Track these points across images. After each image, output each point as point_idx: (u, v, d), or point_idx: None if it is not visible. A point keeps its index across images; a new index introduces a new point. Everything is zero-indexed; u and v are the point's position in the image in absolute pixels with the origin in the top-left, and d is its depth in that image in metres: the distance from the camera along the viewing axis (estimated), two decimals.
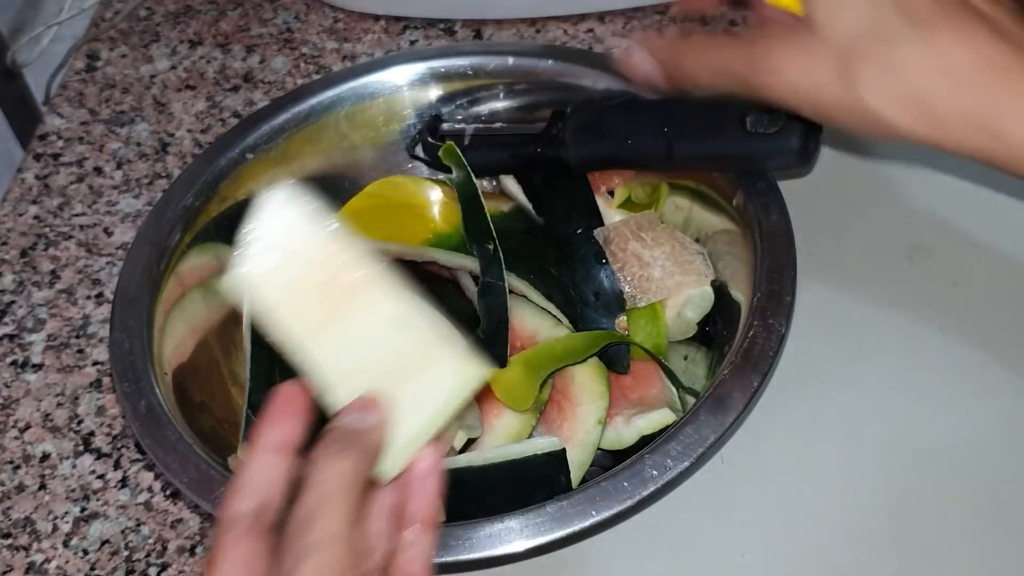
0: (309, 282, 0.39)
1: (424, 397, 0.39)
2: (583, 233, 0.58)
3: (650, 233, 0.57)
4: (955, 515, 0.52)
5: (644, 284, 0.56)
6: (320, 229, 0.40)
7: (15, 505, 0.59)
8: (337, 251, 0.40)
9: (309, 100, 0.64)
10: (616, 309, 0.56)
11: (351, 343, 0.39)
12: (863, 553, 0.51)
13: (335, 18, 0.83)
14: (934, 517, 0.52)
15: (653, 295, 0.56)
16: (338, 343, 0.39)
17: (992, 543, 0.51)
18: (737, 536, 0.52)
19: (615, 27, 0.78)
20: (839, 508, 0.52)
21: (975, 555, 0.50)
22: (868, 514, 0.52)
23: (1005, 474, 0.53)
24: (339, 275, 0.39)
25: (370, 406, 0.38)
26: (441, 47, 0.78)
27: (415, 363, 0.39)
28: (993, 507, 0.52)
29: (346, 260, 0.40)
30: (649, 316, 0.57)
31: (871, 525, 0.52)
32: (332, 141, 0.65)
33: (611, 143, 0.57)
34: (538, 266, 0.57)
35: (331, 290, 0.39)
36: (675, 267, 0.56)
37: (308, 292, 0.39)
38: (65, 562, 0.57)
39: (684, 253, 0.58)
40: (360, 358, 0.39)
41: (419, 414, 0.38)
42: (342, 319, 0.39)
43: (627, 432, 0.54)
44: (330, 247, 0.40)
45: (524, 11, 0.79)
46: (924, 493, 0.52)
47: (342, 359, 0.39)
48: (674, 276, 0.56)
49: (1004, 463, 0.53)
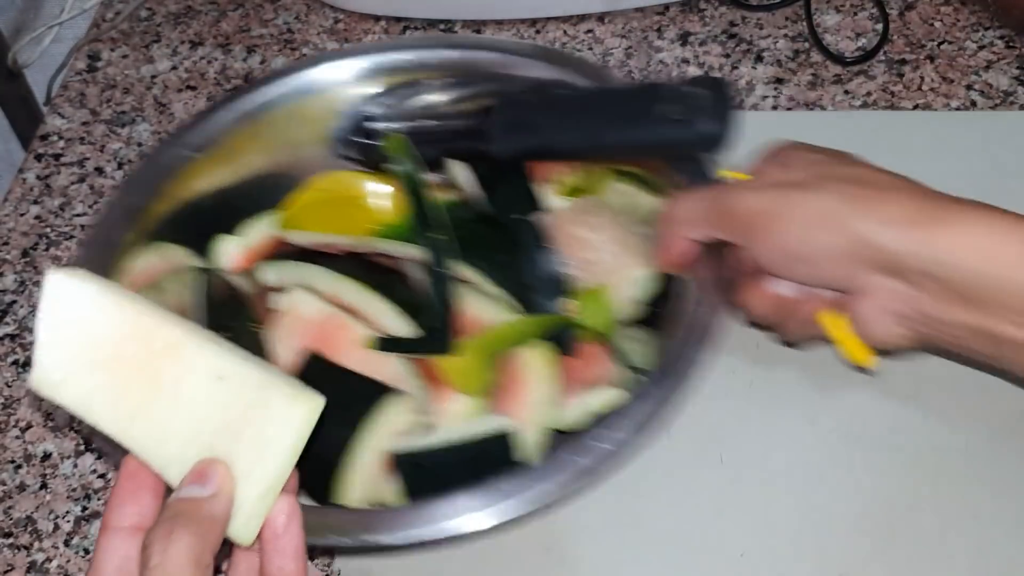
0: (117, 361, 0.38)
1: (263, 447, 0.37)
2: (525, 220, 0.59)
3: (594, 218, 0.58)
4: (954, 515, 0.52)
5: (589, 267, 0.57)
6: (113, 303, 0.38)
7: (16, 504, 0.59)
8: (137, 322, 0.38)
9: (253, 97, 0.65)
10: (562, 293, 0.57)
11: (175, 413, 0.38)
12: (863, 553, 0.51)
13: (335, 19, 0.83)
14: (933, 517, 0.52)
15: (598, 278, 0.57)
16: (162, 416, 0.38)
17: (991, 543, 0.51)
18: (737, 535, 0.52)
19: (615, 27, 0.78)
20: (839, 508, 0.52)
21: (974, 555, 0.50)
22: (868, 514, 0.52)
23: (1005, 474, 0.53)
24: (146, 345, 0.38)
25: (205, 473, 0.37)
26: (380, 42, 0.79)
27: (245, 415, 0.37)
28: (992, 507, 0.52)
29: (149, 329, 0.38)
30: (596, 299, 0.57)
31: (871, 525, 0.52)
32: (276, 138, 0.65)
33: (535, 136, 0.58)
34: (487, 254, 0.57)
35: (141, 363, 0.38)
36: (620, 250, 0.57)
37: (118, 372, 0.38)
38: (66, 561, 0.57)
39: (628, 236, 0.58)
40: (188, 425, 0.38)
41: (263, 465, 0.37)
42: (160, 390, 0.38)
43: (578, 411, 0.55)
44: (129, 320, 0.38)
45: (524, 11, 0.79)
46: (923, 493, 0.52)
47: (170, 431, 0.38)
48: (619, 258, 0.57)
49: (1004, 463, 0.53)
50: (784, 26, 0.76)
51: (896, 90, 0.71)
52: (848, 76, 0.72)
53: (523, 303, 0.57)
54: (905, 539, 0.51)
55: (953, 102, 0.69)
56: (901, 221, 0.45)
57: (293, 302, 0.57)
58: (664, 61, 0.75)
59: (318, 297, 0.57)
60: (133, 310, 0.38)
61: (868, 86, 0.71)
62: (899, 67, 0.72)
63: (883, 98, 0.70)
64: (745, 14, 0.78)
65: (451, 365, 0.54)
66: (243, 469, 0.37)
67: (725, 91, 0.53)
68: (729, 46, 0.75)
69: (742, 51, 0.75)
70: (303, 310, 0.57)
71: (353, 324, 0.56)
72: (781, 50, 0.75)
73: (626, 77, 0.62)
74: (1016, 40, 0.72)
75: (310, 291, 0.57)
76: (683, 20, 0.78)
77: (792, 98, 0.71)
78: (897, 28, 0.74)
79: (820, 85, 0.72)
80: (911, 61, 0.72)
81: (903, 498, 0.52)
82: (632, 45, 0.77)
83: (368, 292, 0.56)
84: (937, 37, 0.74)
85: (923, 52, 0.73)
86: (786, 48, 0.75)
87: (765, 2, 0.78)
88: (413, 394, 0.53)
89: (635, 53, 0.76)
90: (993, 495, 0.52)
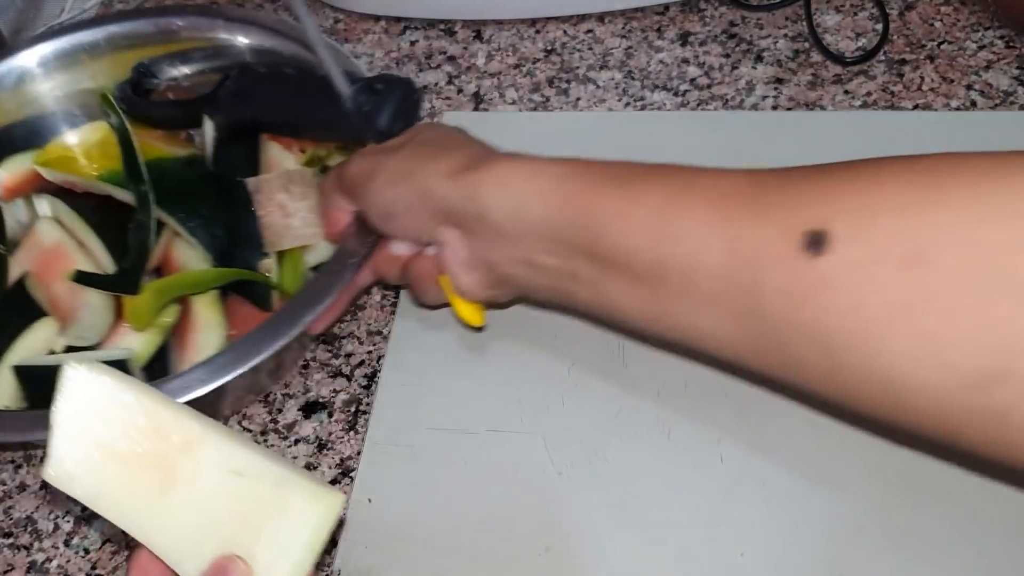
0: (132, 455, 0.38)
1: (283, 544, 0.37)
2: (238, 181, 0.64)
3: (299, 187, 0.64)
4: (954, 515, 0.52)
5: (283, 231, 0.63)
6: (130, 398, 0.38)
7: (16, 504, 0.59)
8: (154, 416, 0.38)
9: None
10: (260, 251, 0.63)
11: (191, 507, 0.38)
12: (863, 553, 0.51)
13: (336, 19, 0.83)
14: (933, 517, 0.52)
15: (289, 242, 0.63)
16: (178, 511, 0.38)
17: (991, 543, 0.51)
18: (737, 536, 0.52)
19: (615, 27, 0.78)
20: (839, 508, 0.52)
21: (974, 555, 0.50)
22: (868, 514, 0.52)
23: (1005, 473, 0.53)
24: (162, 440, 0.38)
25: (225, 569, 0.37)
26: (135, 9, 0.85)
27: (264, 512, 0.38)
28: (992, 507, 0.52)
29: (166, 423, 0.38)
30: (292, 260, 0.64)
31: (871, 525, 0.52)
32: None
33: (251, 109, 0.65)
34: (190, 207, 0.64)
35: (157, 457, 0.38)
36: (316, 219, 0.63)
37: (134, 466, 0.38)
38: (66, 561, 0.57)
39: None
40: (204, 520, 0.38)
41: (284, 563, 0.37)
42: (176, 484, 0.38)
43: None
44: (146, 414, 0.38)
45: (524, 11, 0.79)
46: (923, 493, 0.52)
47: (185, 526, 0.38)
48: (312, 227, 0.63)
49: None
50: (784, 26, 0.76)
51: (896, 90, 0.71)
52: (848, 76, 0.72)
53: (224, 256, 0.64)
54: (905, 539, 0.51)
55: (953, 102, 0.69)
56: (452, 172, 0.50)
57: (37, 229, 0.65)
58: (664, 61, 0.75)
59: (60, 228, 0.65)
60: (150, 404, 0.39)
61: (868, 86, 0.71)
62: (899, 67, 0.72)
63: (883, 98, 0.70)
64: (745, 14, 0.78)
65: (129, 303, 0.61)
66: (263, 566, 0.37)
67: (410, 92, 0.61)
68: (729, 46, 0.75)
69: (742, 51, 0.75)
70: (41, 237, 0.64)
71: (76, 256, 0.63)
72: (781, 50, 0.75)
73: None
74: (1016, 40, 0.72)
75: (56, 222, 0.65)
76: (683, 20, 0.78)
77: (792, 98, 0.71)
78: (897, 28, 0.74)
79: (820, 85, 0.72)
80: (911, 61, 0.72)
81: (903, 498, 0.52)
82: (632, 45, 0.77)
83: (88, 229, 0.64)
84: (937, 37, 0.74)
85: (923, 52, 0.73)
86: (786, 48, 0.75)
87: (765, 2, 0.78)
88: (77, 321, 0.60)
89: (635, 53, 0.76)
90: (993, 495, 0.52)
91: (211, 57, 0.71)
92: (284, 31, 0.70)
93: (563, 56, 0.77)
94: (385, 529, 0.55)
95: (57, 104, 0.72)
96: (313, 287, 0.57)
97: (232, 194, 0.64)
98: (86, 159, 0.68)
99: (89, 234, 0.64)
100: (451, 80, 0.77)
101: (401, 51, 0.80)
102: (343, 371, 0.62)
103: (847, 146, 0.67)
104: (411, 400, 0.59)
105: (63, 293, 0.62)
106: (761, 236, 0.41)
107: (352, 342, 0.63)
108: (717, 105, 0.72)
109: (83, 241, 0.64)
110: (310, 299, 0.56)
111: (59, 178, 0.67)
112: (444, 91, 0.76)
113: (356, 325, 0.64)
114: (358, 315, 0.64)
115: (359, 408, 0.60)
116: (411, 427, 0.58)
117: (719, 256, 0.42)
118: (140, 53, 0.71)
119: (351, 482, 0.57)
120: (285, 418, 0.60)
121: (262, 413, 0.61)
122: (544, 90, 0.75)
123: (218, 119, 0.66)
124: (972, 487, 0.52)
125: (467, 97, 0.76)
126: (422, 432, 0.58)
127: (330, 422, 0.60)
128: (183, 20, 0.71)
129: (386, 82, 0.61)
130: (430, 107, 0.75)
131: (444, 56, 0.79)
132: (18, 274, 0.63)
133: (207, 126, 0.67)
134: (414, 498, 0.56)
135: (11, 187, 0.68)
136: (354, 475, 0.57)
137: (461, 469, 0.56)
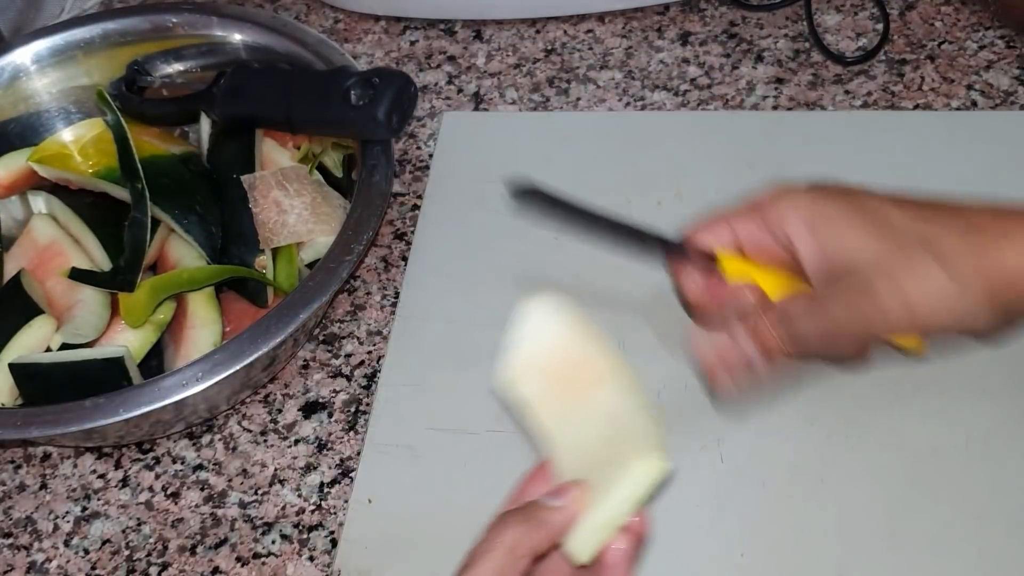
0: (557, 378, 0.45)
1: (615, 486, 0.42)
2: (234, 177, 0.65)
3: (294, 184, 0.64)
4: (954, 515, 0.52)
5: (278, 228, 0.63)
6: (575, 334, 0.45)
7: (16, 504, 0.59)
8: (583, 351, 0.45)
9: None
10: (255, 248, 0.63)
11: (576, 432, 0.44)
12: (863, 553, 0.51)
13: (335, 19, 0.83)
14: (933, 517, 0.52)
15: (284, 239, 0.63)
16: (570, 431, 0.45)
17: (991, 543, 0.51)
18: (737, 536, 0.52)
19: (615, 27, 0.78)
20: (839, 508, 0.52)
21: (974, 555, 0.50)
22: (867, 514, 0.52)
23: (1004, 473, 0.53)
24: (582, 371, 0.45)
25: (563, 491, 0.43)
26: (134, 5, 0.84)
27: (618, 452, 0.43)
28: (993, 507, 0.52)
29: (589, 358, 0.45)
30: (286, 257, 0.64)
31: (870, 525, 0.52)
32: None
33: (247, 105, 0.65)
34: (185, 204, 0.64)
35: (573, 384, 0.45)
36: (311, 216, 0.63)
37: (555, 387, 0.45)
38: (66, 561, 0.57)
39: (324, 205, 0.64)
40: (580, 444, 0.44)
41: (609, 501, 0.42)
42: (575, 410, 0.45)
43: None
44: (578, 348, 0.45)
45: (524, 11, 0.79)
46: (923, 493, 0.52)
47: (570, 444, 0.44)
48: (307, 224, 0.63)
49: (1004, 462, 0.53)
50: (784, 26, 0.76)
51: (896, 90, 0.71)
52: (848, 76, 0.72)
53: (219, 253, 0.64)
54: (905, 539, 0.51)
55: (953, 102, 0.69)
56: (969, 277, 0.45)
57: (32, 226, 0.65)
58: (664, 61, 0.75)
59: (56, 225, 0.65)
60: (584, 340, 0.45)
61: (868, 86, 0.71)
62: (899, 67, 0.72)
63: (883, 98, 0.70)
64: (745, 14, 0.78)
65: (124, 300, 0.61)
66: (598, 498, 0.42)
67: (407, 86, 0.61)
68: (729, 46, 0.75)
69: (742, 51, 0.75)
70: (36, 235, 0.65)
71: (72, 253, 0.64)
72: (781, 50, 0.75)
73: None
74: (1016, 40, 0.72)
75: (52, 220, 0.65)
76: (683, 20, 0.78)
77: (792, 98, 0.71)
78: (897, 28, 0.74)
79: (820, 85, 0.72)
80: (911, 61, 0.72)
81: (903, 498, 0.52)
82: (632, 45, 0.77)
83: (84, 227, 0.64)
84: (937, 37, 0.74)
85: (923, 52, 0.73)
86: (786, 48, 0.75)
87: (765, 2, 0.78)
88: (76, 317, 0.61)
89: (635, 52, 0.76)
90: (993, 495, 0.52)
91: (206, 54, 0.72)
92: (278, 28, 0.70)
93: (563, 56, 0.77)
94: (385, 529, 0.55)
95: (52, 101, 0.72)
96: (308, 284, 0.57)
97: (227, 191, 0.65)
98: (81, 156, 0.68)
99: (85, 231, 0.64)
100: (451, 80, 0.77)
101: (401, 51, 0.80)
102: (343, 371, 0.62)
103: (847, 146, 0.67)
104: (411, 400, 0.59)
105: (59, 290, 0.62)
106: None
107: (352, 342, 0.63)
108: (717, 105, 0.72)
109: (79, 238, 0.64)
110: (305, 296, 0.56)
111: (54, 175, 0.67)
112: (444, 91, 0.76)
113: (356, 325, 0.64)
114: (358, 315, 0.64)
115: (359, 408, 0.60)
116: (411, 427, 0.58)
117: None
118: (135, 50, 0.71)
119: (351, 482, 0.57)
120: (285, 418, 0.60)
121: (262, 413, 0.61)
122: (544, 90, 0.75)
123: (214, 115, 0.66)
124: (972, 487, 0.52)
125: (467, 97, 0.76)
126: (422, 432, 0.58)
127: (330, 422, 0.60)
128: (178, 17, 0.72)
129: (382, 76, 0.61)
130: (430, 107, 0.75)
131: (444, 56, 0.79)
132: (14, 271, 0.63)
133: (203, 123, 0.67)
134: (414, 498, 0.56)
135: (6, 184, 0.68)
136: (354, 475, 0.57)
137: (461, 469, 0.56)
